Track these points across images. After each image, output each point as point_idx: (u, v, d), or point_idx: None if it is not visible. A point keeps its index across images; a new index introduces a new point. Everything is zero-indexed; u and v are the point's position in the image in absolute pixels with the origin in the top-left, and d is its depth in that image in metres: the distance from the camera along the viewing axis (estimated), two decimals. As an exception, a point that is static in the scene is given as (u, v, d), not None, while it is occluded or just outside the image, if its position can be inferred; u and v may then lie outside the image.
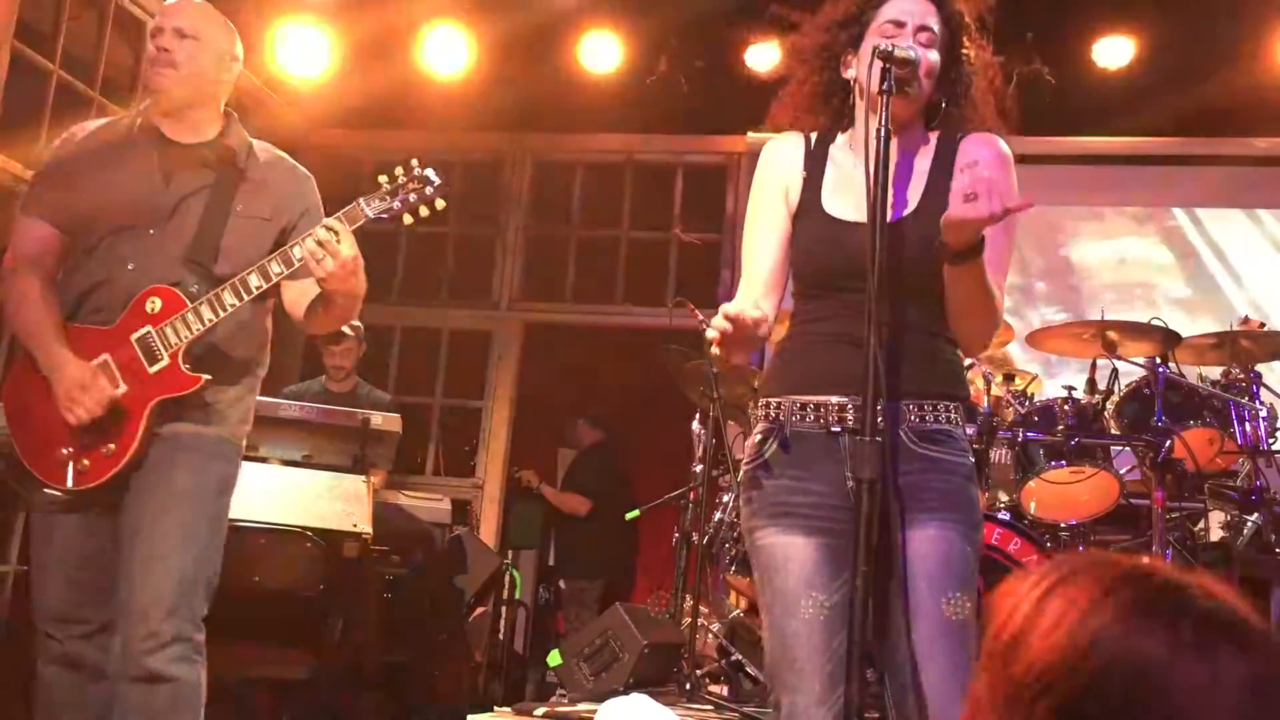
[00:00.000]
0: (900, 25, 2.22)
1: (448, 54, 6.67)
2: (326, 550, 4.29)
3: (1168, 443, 4.03)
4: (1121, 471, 4.29)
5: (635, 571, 7.39)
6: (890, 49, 2.08)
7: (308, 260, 2.56)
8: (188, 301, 2.65)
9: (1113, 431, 4.31)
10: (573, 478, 7.30)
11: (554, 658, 4.29)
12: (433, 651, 5.41)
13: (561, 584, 7.25)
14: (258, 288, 2.64)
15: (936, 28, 2.24)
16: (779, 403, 2.24)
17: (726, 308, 2.03)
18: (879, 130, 2.04)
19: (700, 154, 7.54)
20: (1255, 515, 4.31)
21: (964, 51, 2.28)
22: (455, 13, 6.53)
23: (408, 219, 2.68)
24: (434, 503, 5.74)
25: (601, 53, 6.71)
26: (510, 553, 7.28)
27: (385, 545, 4.90)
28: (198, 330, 2.64)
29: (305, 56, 6.58)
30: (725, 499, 4.88)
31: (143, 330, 2.64)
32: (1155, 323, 4.38)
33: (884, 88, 2.07)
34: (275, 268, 2.64)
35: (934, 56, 2.21)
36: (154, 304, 2.65)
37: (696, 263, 7.40)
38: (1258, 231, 6.78)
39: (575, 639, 4.39)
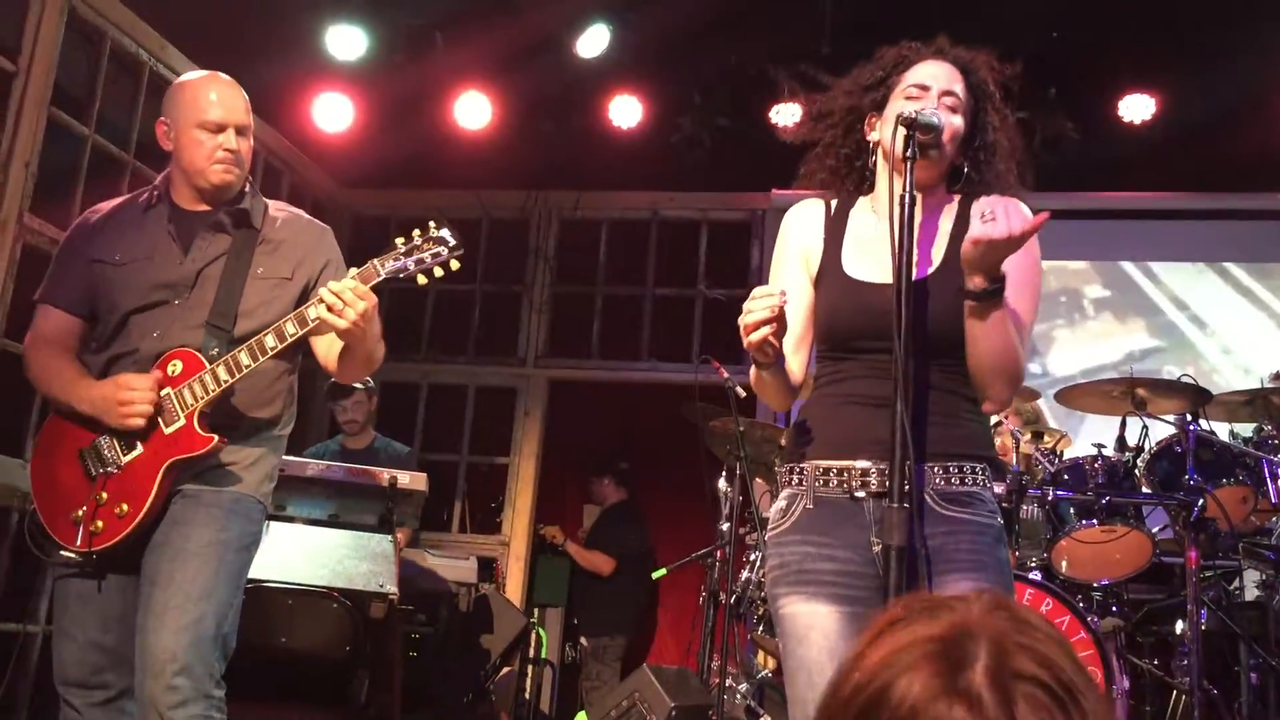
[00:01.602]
0: (925, 89, 2.24)
1: (474, 113, 6.75)
2: (353, 611, 4.28)
3: (1200, 501, 3.98)
4: (1154, 530, 4.24)
5: (656, 629, 7.33)
6: (914, 115, 2.10)
7: (324, 317, 2.58)
8: (206, 363, 2.66)
9: (1144, 490, 4.27)
10: (597, 535, 7.27)
11: (581, 719, 4.26)
12: (458, 712, 5.37)
13: (583, 641, 7.20)
14: (273, 347, 2.65)
15: (961, 93, 2.25)
16: (802, 468, 2.23)
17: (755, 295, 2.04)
18: (903, 196, 2.05)
19: (724, 210, 7.58)
20: (1291, 574, 4.24)
21: (988, 119, 2.29)
22: (481, 72, 6.62)
23: (422, 279, 2.68)
24: (460, 561, 5.73)
25: (627, 111, 6.78)
26: (536, 611, 7.25)
27: (411, 604, 4.88)
28: (214, 391, 2.65)
29: (334, 116, 6.68)
30: (752, 557, 4.85)
31: (163, 392, 2.66)
32: (1185, 379, 4.35)
33: (908, 154, 2.08)
34: (290, 328, 2.66)
35: (957, 121, 2.23)
36: (175, 367, 2.68)
37: (721, 319, 7.39)
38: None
39: (601, 700, 4.35)
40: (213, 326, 2.72)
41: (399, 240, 2.68)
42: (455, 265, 2.70)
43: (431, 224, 2.70)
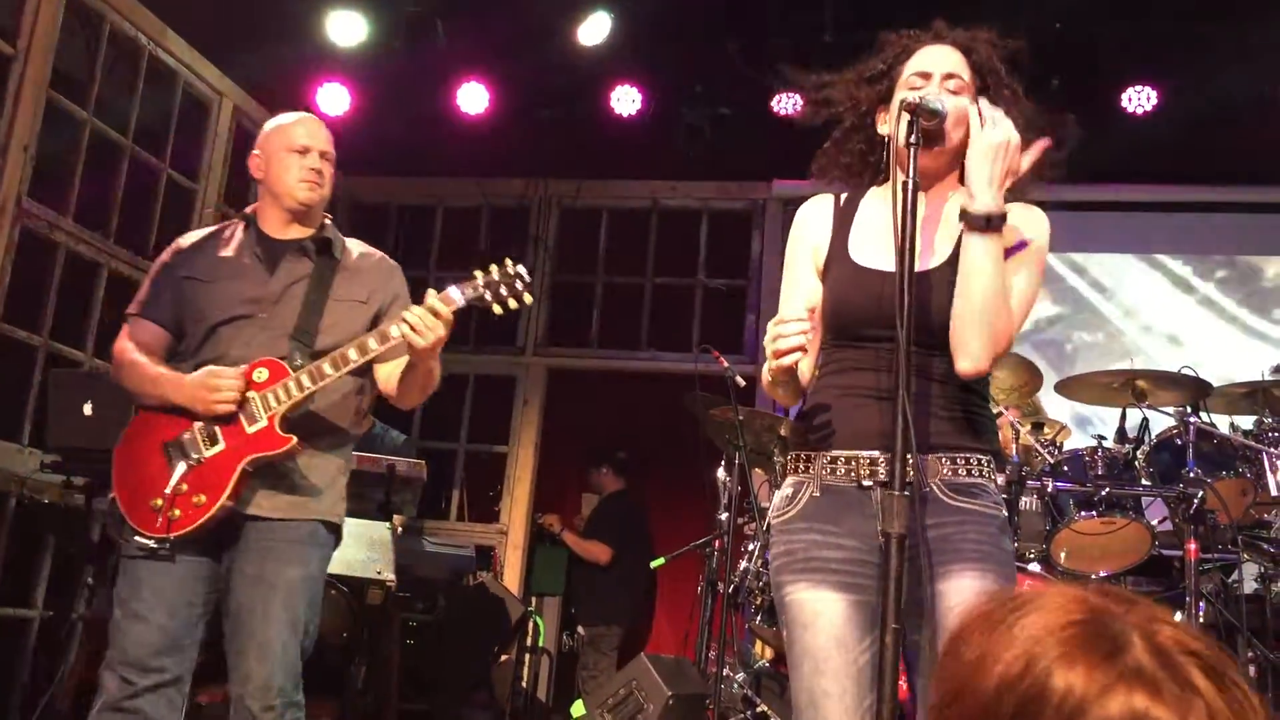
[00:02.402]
0: (926, 76, 2.22)
1: (474, 100, 6.73)
2: (350, 598, 4.28)
3: (1200, 494, 3.97)
4: (1153, 522, 4.24)
5: (654, 618, 7.33)
6: (917, 101, 2.08)
7: (405, 335, 2.82)
8: (290, 371, 2.88)
9: (1143, 482, 4.25)
10: (595, 525, 7.26)
11: (578, 708, 4.26)
12: (456, 700, 5.37)
13: (580, 630, 7.20)
14: (355, 360, 2.87)
15: (965, 74, 2.23)
16: (809, 456, 2.22)
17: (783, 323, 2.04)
18: (906, 183, 2.03)
19: (725, 200, 7.57)
20: (1290, 567, 4.24)
21: (996, 95, 2.26)
22: (482, 59, 6.60)
23: (497, 310, 2.94)
24: (458, 549, 5.73)
25: (627, 99, 6.76)
26: (533, 599, 7.25)
27: (408, 592, 4.88)
28: (296, 396, 2.86)
29: (334, 103, 6.66)
30: (751, 547, 4.84)
31: (248, 396, 2.87)
32: (1185, 372, 4.33)
33: (911, 140, 2.06)
34: (372, 344, 2.87)
35: (963, 103, 2.21)
36: (261, 373, 2.88)
37: (721, 308, 7.40)
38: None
39: (599, 689, 4.35)
40: (296, 340, 2.94)
41: (478, 273, 2.92)
42: (529, 299, 2.95)
43: (508, 261, 2.94)
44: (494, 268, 2.92)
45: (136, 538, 2.83)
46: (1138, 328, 6.89)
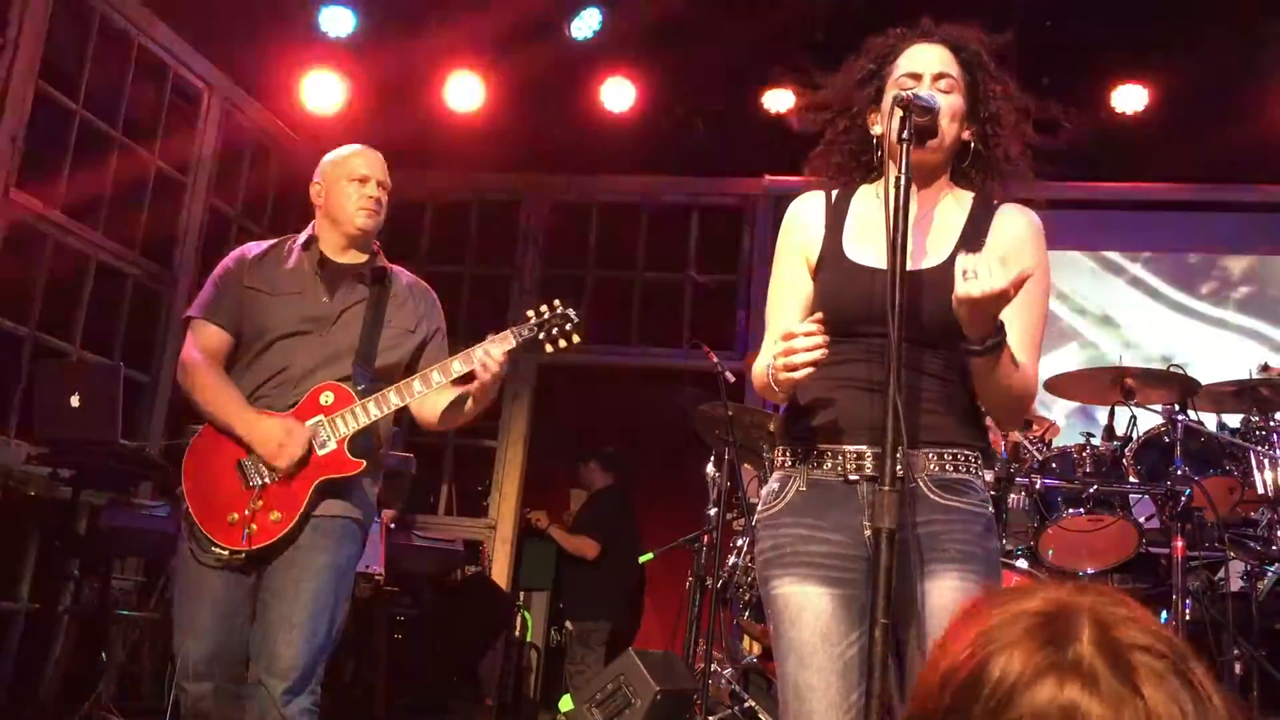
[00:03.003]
0: (917, 78, 2.22)
1: (466, 95, 6.72)
2: (338, 591, 4.26)
3: (1187, 491, 3.98)
4: (1140, 519, 4.25)
5: (642, 614, 7.33)
6: (910, 97, 2.08)
7: (476, 370, 2.99)
8: (356, 398, 3.04)
9: (1131, 479, 4.27)
10: (583, 520, 7.26)
11: (565, 702, 4.26)
12: (443, 693, 5.37)
13: (568, 625, 7.20)
14: (420, 391, 3.05)
15: (955, 73, 2.23)
16: (796, 450, 2.22)
17: (793, 336, 2.03)
18: (898, 178, 2.03)
19: (716, 196, 7.56)
20: (1276, 565, 4.26)
21: (987, 90, 2.27)
22: (473, 53, 6.59)
23: (549, 349, 3.13)
24: (446, 543, 5.72)
25: (619, 95, 6.75)
26: (522, 594, 7.24)
27: (397, 586, 4.88)
28: (364, 423, 3.03)
29: (324, 96, 6.64)
30: (740, 543, 4.85)
31: (315, 419, 3.02)
32: (1173, 369, 4.35)
33: (903, 135, 2.06)
34: (437, 376, 3.05)
35: (955, 100, 2.21)
36: (327, 397, 3.04)
37: (712, 304, 7.40)
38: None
39: (587, 684, 4.35)
40: (358, 364, 3.10)
41: (530, 313, 3.13)
42: (578, 339, 3.16)
43: (558, 302, 3.15)
44: (545, 308, 3.12)
45: (214, 549, 2.96)
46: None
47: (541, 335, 3.10)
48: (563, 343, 3.12)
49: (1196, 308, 6.79)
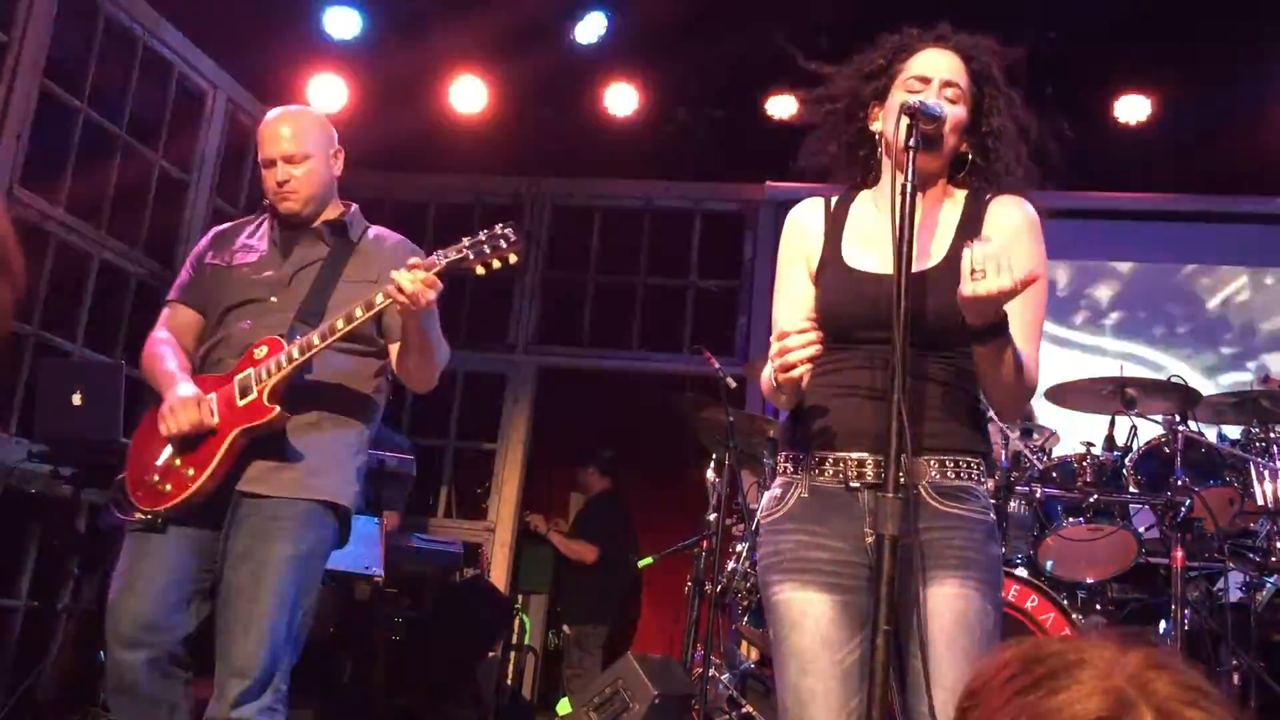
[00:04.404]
0: (926, 81, 2.22)
1: (469, 98, 6.72)
2: (337, 592, 4.27)
3: (1187, 502, 3.99)
4: (1140, 529, 4.26)
5: (639, 618, 7.33)
6: (918, 105, 2.08)
7: (389, 294, 2.74)
8: (286, 345, 2.89)
9: (1131, 489, 4.27)
10: (581, 524, 7.27)
11: (563, 706, 4.27)
12: (441, 696, 5.37)
13: (566, 628, 7.21)
14: (341, 329, 2.83)
15: (963, 82, 2.24)
16: (798, 456, 2.23)
17: (786, 335, 2.02)
18: (904, 185, 2.04)
19: (718, 201, 7.57)
20: (1275, 576, 4.26)
21: (993, 104, 2.27)
22: (477, 57, 6.60)
23: (480, 270, 2.83)
24: (445, 545, 5.72)
25: (621, 99, 6.76)
26: (520, 597, 7.24)
27: (396, 588, 4.88)
28: (285, 366, 2.85)
29: (328, 98, 6.64)
30: (739, 548, 4.85)
31: (245, 372, 2.89)
32: (1174, 380, 4.36)
33: (910, 143, 2.06)
34: (358, 312, 2.82)
35: (960, 111, 2.22)
36: (261, 350, 2.90)
37: (713, 309, 7.41)
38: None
39: (585, 687, 4.35)
40: (300, 320, 2.95)
41: (465, 238, 2.85)
42: (514, 259, 2.83)
43: (499, 225, 2.84)
44: (483, 232, 2.85)
45: (136, 514, 2.87)
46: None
47: (472, 255, 2.80)
48: (496, 263, 2.82)
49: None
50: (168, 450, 2.88)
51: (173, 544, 2.86)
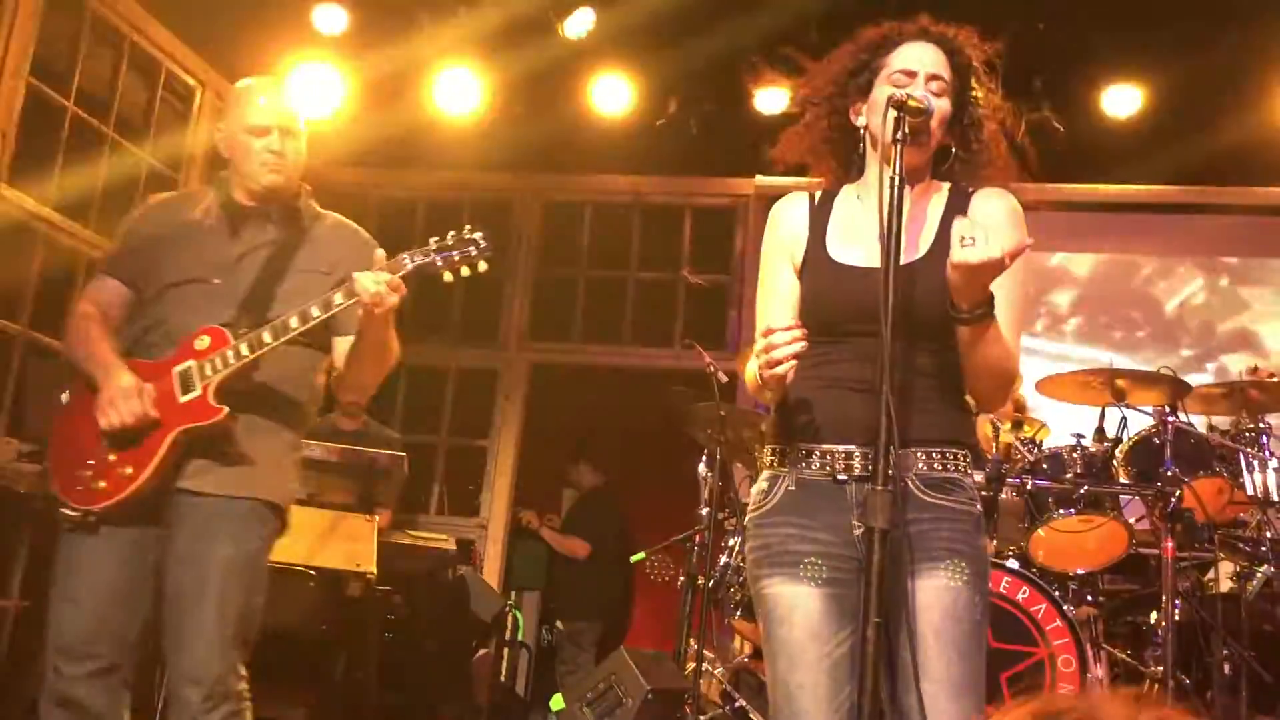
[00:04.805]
0: (911, 75, 2.23)
1: (458, 94, 6.71)
2: (329, 590, 4.27)
3: (1177, 492, 4.00)
4: (1131, 520, 4.27)
5: (633, 614, 7.34)
6: (905, 98, 2.08)
7: (358, 296, 2.63)
8: (232, 339, 2.73)
9: (1122, 480, 4.28)
10: (573, 520, 7.27)
11: (556, 702, 4.26)
12: (434, 693, 5.36)
13: (559, 625, 7.21)
14: (295, 328, 2.71)
15: (947, 75, 2.24)
16: (785, 449, 2.23)
17: (772, 333, 2.03)
18: (893, 178, 2.04)
19: (709, 196, 7.57)
20: (1265, 566, 4.27)
21: (974, 95, 2.28)
22: (466, 54, 6.58)
23: (448, 276, 2.74)
24: (438, 542, 5.72)
25: (611, 95, 6.75)
26: (513, 593, 7.24)
27: (388, 585, 4.87)
28: (233, 364, 2.71)
29: (317, 96, 6.62)
30: (731, 542, 4.85)
31: (186, 364, 2.74)
32: (1164, 371, 4.36)
33: (898, 137, 2.07)
34: (315, 310, 2.70)
35: (945, 105, 2.22)
36: (203, 341, 2.74)
37: (704, 304, 7.41)
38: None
39: (578, 683, 4.35)
40: (245, 309, 2.80)
41: (433, 239, 2.75)
42: (483, 266, 2.76)
43: (467, 226, 2.78)
44: (450, 232, 2.76)
45: (63, 509, 2.71)
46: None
47: (440, 262, 2.71)
48: (465, 270, 2.73)
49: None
50: (102, 444, 2.72)
51: (113, 549, 2.73)
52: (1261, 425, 4.38)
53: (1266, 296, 6.79)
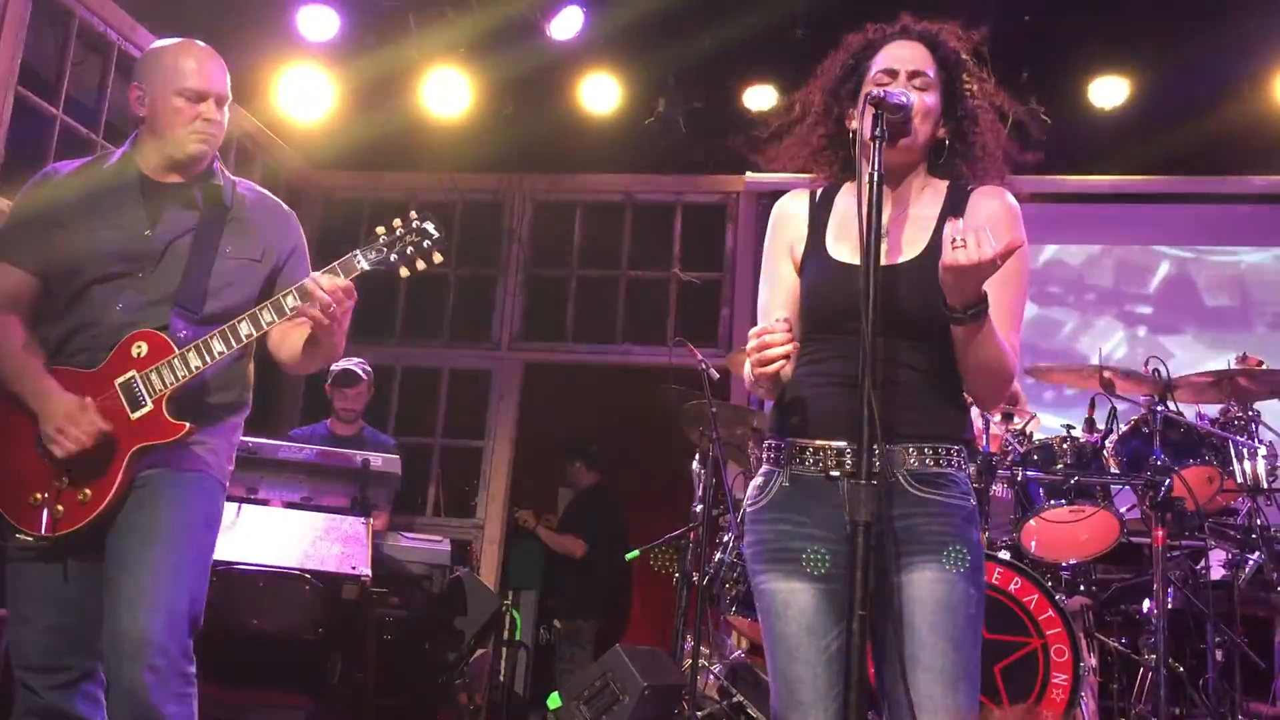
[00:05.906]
0: (892, 74, 2.25)
1: (448, 95, 6.71)
2: (325, 592, 4.28)
3: (1167, 481, 4.02)
4: (1121, 510, 4.29)
5: (630, 611, 7.35)
6: (882, 94, 2.10)
7: (303, 310, 2.56)
8: (175, 348, 2.60)
9: (1112, 470, 4.30)
10: (569, 519, 7.29)
11: (554, 700, 4.27)
12: (432, 694, 5.37)
13: (556, 623, 7.23)
14: (248, 335, 2.61)
15: (931, 71, 2.26)
16: (781, 445, 2.25)
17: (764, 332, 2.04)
18: (872, 175, 2.06)
19: (699, 193, 7.58)
20: (1256, 554, 4.30)
21: (964, 87, 2.30)
22: (455, 55, 6.59)
23: (404, 272, 2.63)
24: (434, 544, 5.72)
25: (601, 94, 6.76)
26: (510, 593, 7.26)
27: (384, 587, 4.88)
28: (184, 377, 2.58)
29: (307, 98, 6.62)
30: (725, 539, 4.87)
31: (127, 375, 2.58)
32: (1153, 365, 4.38)
33: (875, 133, 2.08)
34: (267, 316, 2.60)
35: (930, 100, 2.24)
36: (140, 348, 2.60)
37: (696, 302, 7.42)
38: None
39: (575, 681, 4.37)
40: (181, 307, 2.65)
41: (380, 230, 2.63)
42: (438, 258, 2.63)
43: (413, 214, 2.64)
44: (396, 222, 2.62)
45: (18, 535, 2.55)
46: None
47: (394, 257, 2.59)
48: (420, 264, 2.60)
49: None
50: (48, 469, 2.55)
51: (70, 567, 2.59)
52: (1250, 413, 4.40)
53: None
